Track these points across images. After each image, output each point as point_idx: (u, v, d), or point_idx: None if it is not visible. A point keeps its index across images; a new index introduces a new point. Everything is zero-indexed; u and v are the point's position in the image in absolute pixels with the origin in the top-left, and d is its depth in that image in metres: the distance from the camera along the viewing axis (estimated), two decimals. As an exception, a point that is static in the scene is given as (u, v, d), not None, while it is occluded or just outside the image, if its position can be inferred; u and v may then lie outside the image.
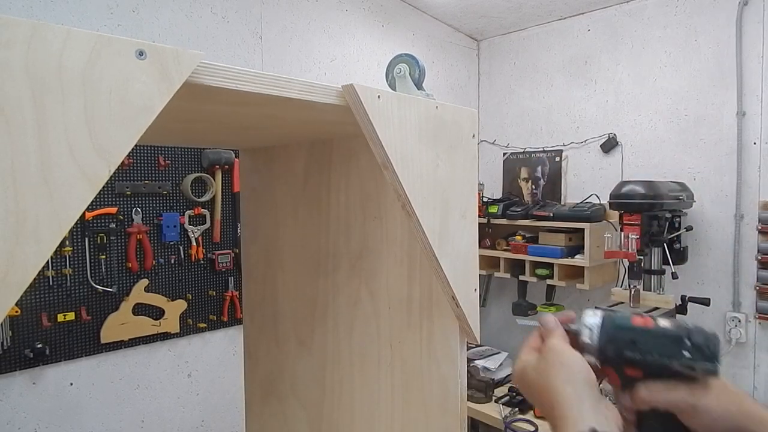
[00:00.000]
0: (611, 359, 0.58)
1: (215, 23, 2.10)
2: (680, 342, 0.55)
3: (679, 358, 0.55)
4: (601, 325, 0.59)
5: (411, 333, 0.86)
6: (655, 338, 0.56)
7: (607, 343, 0.58)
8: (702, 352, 0.54)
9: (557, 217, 2.52)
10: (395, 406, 0.90)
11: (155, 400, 2.01)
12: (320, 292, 1.02)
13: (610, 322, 0.59)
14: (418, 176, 0.67)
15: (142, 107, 0.43)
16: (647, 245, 2.16)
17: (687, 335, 0.55)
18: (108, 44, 0.41)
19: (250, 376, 1.22)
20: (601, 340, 0.59)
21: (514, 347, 2.98)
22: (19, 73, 0.37)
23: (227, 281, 2.16)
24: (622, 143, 2.64)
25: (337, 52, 2.51)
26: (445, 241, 0.72)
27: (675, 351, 0.55)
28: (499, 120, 3.14)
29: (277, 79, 0.54)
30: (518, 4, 2.71)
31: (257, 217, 1.17)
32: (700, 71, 2.39)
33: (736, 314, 2.28)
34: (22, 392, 1.70)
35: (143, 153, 1.92)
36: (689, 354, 0.54)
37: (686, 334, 0.55)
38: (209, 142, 1.38)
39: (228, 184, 2.15)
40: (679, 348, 0.55)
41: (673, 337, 0.56)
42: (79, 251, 1.78)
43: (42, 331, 1.71)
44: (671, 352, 0.55)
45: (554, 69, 2.89)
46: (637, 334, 0.57)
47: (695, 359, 0.54)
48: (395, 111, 0.64)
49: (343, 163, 0.96)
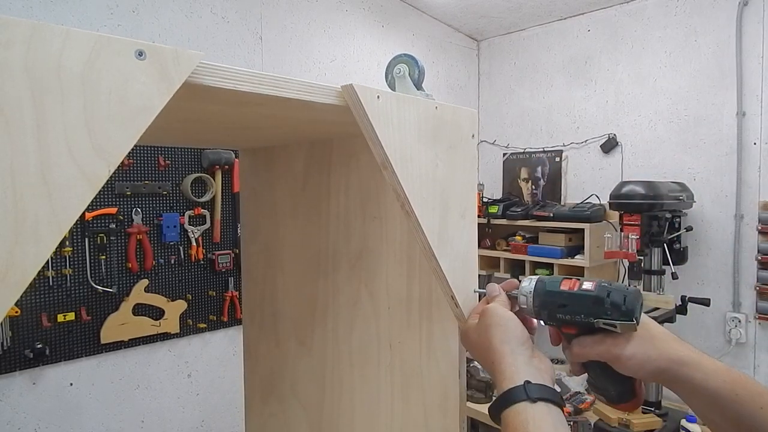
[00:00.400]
0: (547, 321, 0.67)
1: (215, 23, 2.10)
2: (601, 302, 0.62)
3: (601, 316, 0.62)
4: (534, 290, 0.66)
5: (411, 333, 0.86)
6: (580, 300, 0.63)
7: (540, 308, 0.66)
8: (620, 309, 0.61)
9: (557, 217, 2.53)
10: (395, 406, 0.90)
11: (155, 400, 2.01)
12: (320, 293, 1.02)
13: (541, 287, 0.66)
14: (418, 176, 0.67)
15: (141, 107, 0.43)
16: (647, 245, 2.16)
17: (607, 295, 0.62)
18: (107, 44, 0.41)
19: (250, 376, 1.22)
20: (535, 305, 0.66)
21: (514, 347, 2.98)
22: (19, 73, 0.37)
23: (227, 281, 2.16)
24: (622, 143, 2.64)
25: (337, 53, 2.51)
26: (444, 241, 0.72)
27: (597, 310, 0.62)
28: (499, 120, 3.14)
29: (276, 79, 0.54)
30: (518, 4, 2.71)
31: (257, 217, 1.17)
32: (700, 71, 2.39)
33: (736, 314, 2.28)
34: (22, 392, 1.70)
35: (143, 153, 1.92)
36: (609, 312, 0.62)
37: (606, 295, 0.62)
38: (209, 142, 1.38)
39: (228, 185, 2.15)
40: (600, 308, 0.62)
41: (594, 298, 0.63)
42: (79, 251, 1.78)
43: (42, 332, 1.71)
44: (594, 311, 0.63)
45: (554, 69, 2.89)
46: (564, 297, 0.64)
47: (614, 317, 0.62)
48: (395, 111, 0.64)
49: (342, 164, 0.96)
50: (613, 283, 0.64)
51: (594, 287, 0.63)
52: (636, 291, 0.64)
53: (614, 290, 0.63)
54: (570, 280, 0.66)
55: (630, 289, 0.63)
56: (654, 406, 2.17)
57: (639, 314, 0.63)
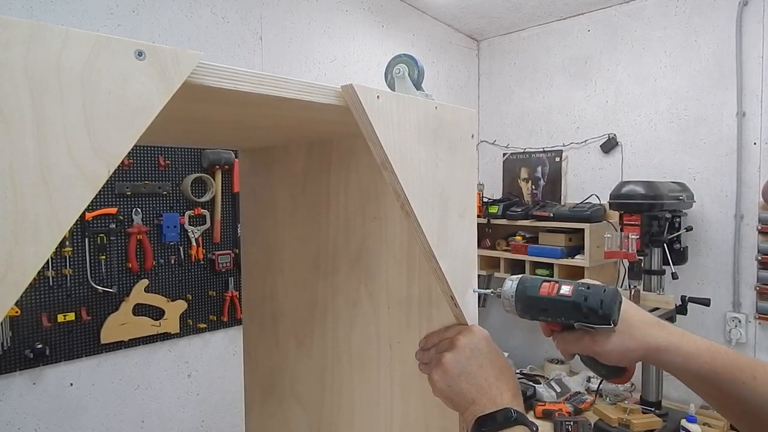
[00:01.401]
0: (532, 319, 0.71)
1: (215, 23, 2.10)
2: (579, 307, 0.65)
3: (579, 320, 0.66)
4: (515, 294, 0.70)
5: (410, 333, 0.86)
6: (558, 305, 0.67)
7: (523, 311, 0.70)
8: (597, 314, 0.64)
9: (557, 217, 2.53)
10: (395, 406, 0.90)
11: (155, 401, 2.01)
12: (320, 293, 1.02)
13: (522, 292, 0.70)
14: (417, 176, 0.67)
15: (141, 107, 0.43)
16: (647, 245, 2.16)
17: (584, 301, 0.65)
18: (107, 45, 0.41)
19: (250, 376, 1.22)
20: (518, 309, 0.70)
21: (514, 347, 2.98)
22: (18, 74, 0.37)
23: (227, 281, 2.16)
24: (622, 143, 2.64)
25: (337, 53, 2.51)
26: (443, 241, 0.72)
27: (575, 315, 0.66)
28: (499, 120, 3.14)
29: (276, 79, 0.54)
30: (518, 5, 2.71)
31: (257, 217, 1.17)
32: (700, 71, 2.39)
33: (736, 314, 2.28)
34: (22, 392, 1.70)
35: (143, 153, 1.92)
36: (586, 317, 0.65)
37: (583, 300, 0.65)
38: (209, 142, 1.38)
39: (228, 185, 2.15)
40: (578, 313, 0.65)
41: (571, 304, 0.66)
42: (79, 251, 1.78)
43: (42, 332, 1.71)
44: (572, 316, 0.66)
45: (554, 69, 2.89)
46: (544, 303, 0.68)
47: (592, 321, 0.65)
48: (394, 111, 0.64)
49: (342, 164, 0.96)
50: (591, 286, 0.66)
51: (571, 292, 0.66)
52: (613, 293, 0.65)
53: (591, 295, 0.65)
54: (549, 284, 0.68)
55: (607, 291, 0.65)
56: (654, 406, 2.17)
57: (617, 315, 0.65)
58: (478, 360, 0.70)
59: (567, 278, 2.48)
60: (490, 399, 0.66)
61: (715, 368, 0.63)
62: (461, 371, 0.69)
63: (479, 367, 0.69)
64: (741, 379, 0.62)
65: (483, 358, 0.70)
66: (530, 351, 2.94)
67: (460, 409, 0.69)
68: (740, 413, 0.64)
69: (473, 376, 0.68)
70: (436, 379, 0.70)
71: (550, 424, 2.13)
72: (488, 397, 0.66)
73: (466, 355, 0.70)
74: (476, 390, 0.67)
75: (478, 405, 0.65)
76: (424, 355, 0.78)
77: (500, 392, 0.66)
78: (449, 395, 0.69)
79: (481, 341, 0.72)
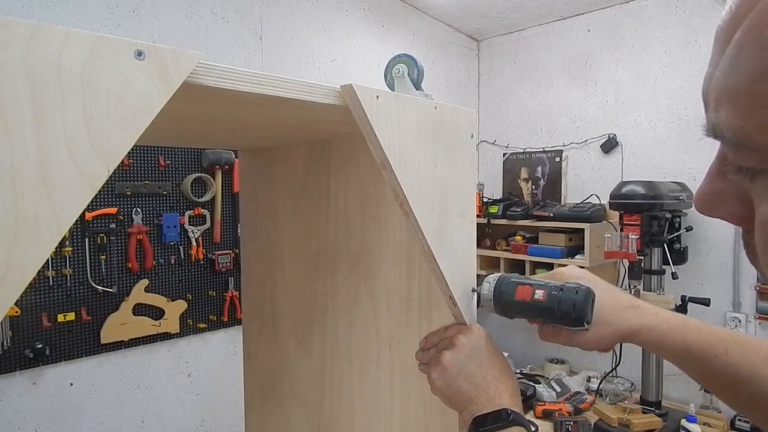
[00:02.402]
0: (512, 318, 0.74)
1: (215, 23, 2.10)
2: (552, 311, 0.68)
3: (555, 321, 0.69)
4: (493, 298, 0.73)
5: (410, 333, 0.86)
6: (533, 309, 0.70)
7: (501, 312, 0.74)
8: (569, 317, 0.67)
9: (557, 217, 2.53)
10: (394, 406, 0.90)
11: (155, 400, 2.01)
12: (319, 293, 1.02)
13: (499, 295, 0.73)
14: (417, 176, 0.67)
15: (140, 107, 0.43)
16: (647, 245, 2.16)
17: (557, 304, 0.67)
18: (107, 44, 0.41)
19: (250, 377, 1.22)
20: (497, 310, 0.74)
21: (513, 347, 2.98)
22: (18, 74, 0.37)
23: (227, 281, 2.16)
24: (622, 143, 2.64)
25: (337, 53, 2.51)
26: (443, 241, 0.72)
27: (550, 317, 0.69)
28: (499, 120, 3.14)
29: (275, 79, 0.54)
30: (518, 4, 2.71)
31: (257, 217, 1.17)
32: (700, 71, 2.36)
33: (736, 314, 2.28)
34: (22, 392, 1.70)
35: (143, 153, 1.92)
36: (560, 319, 0.68)
37: (556, 305, 0.67)
38: (209, 142, 1.38)
39: (228, 185, 2.15)
40: (551, 316, 0.68)
41: (545, 308, 0.69)
42: (79, 251, 1.78)
43: (42, 332, 1.71)
44: (547, 317, 0.69)
45: (554, 69, 2.89)
46: (520, 306, 0.71)
47: (565, 323, 0.68)
48: (394, 111, 0.64)
49: (342, 164, 0.96)
50: (564, 288, 0.68)
51: (544, 297, 0.69)
52: (585, 293, 0.67)
53: (564, 299, 0.67)
54: (524, 287, 0.71)
55: (579, 293, 0.67)
56: (654, 406, 2.17)
57: (590, 316, 0.67)
58: (477, 359, 0.70)
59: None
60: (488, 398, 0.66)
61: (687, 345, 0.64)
62: (460, 370, 0.69)
63: (478, 366, 0.69)
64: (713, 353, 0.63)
65: (482, 357, 0.70)
66: (530, 351, 2.94)
67: (458, 407, 0.69)
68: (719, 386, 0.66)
69: (472, 374, 0.68)
70: (434, 378, 0.70)
71: (550, 424, 2.13)
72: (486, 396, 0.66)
73: (465, 353, 0.70)
74: (474, 389, 0.67)
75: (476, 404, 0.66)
76: (424, 355, 0.78)
77: (498, 392, 0.67)
78: (447, 394, 0.69)
79: (481, 340, 0.72)
